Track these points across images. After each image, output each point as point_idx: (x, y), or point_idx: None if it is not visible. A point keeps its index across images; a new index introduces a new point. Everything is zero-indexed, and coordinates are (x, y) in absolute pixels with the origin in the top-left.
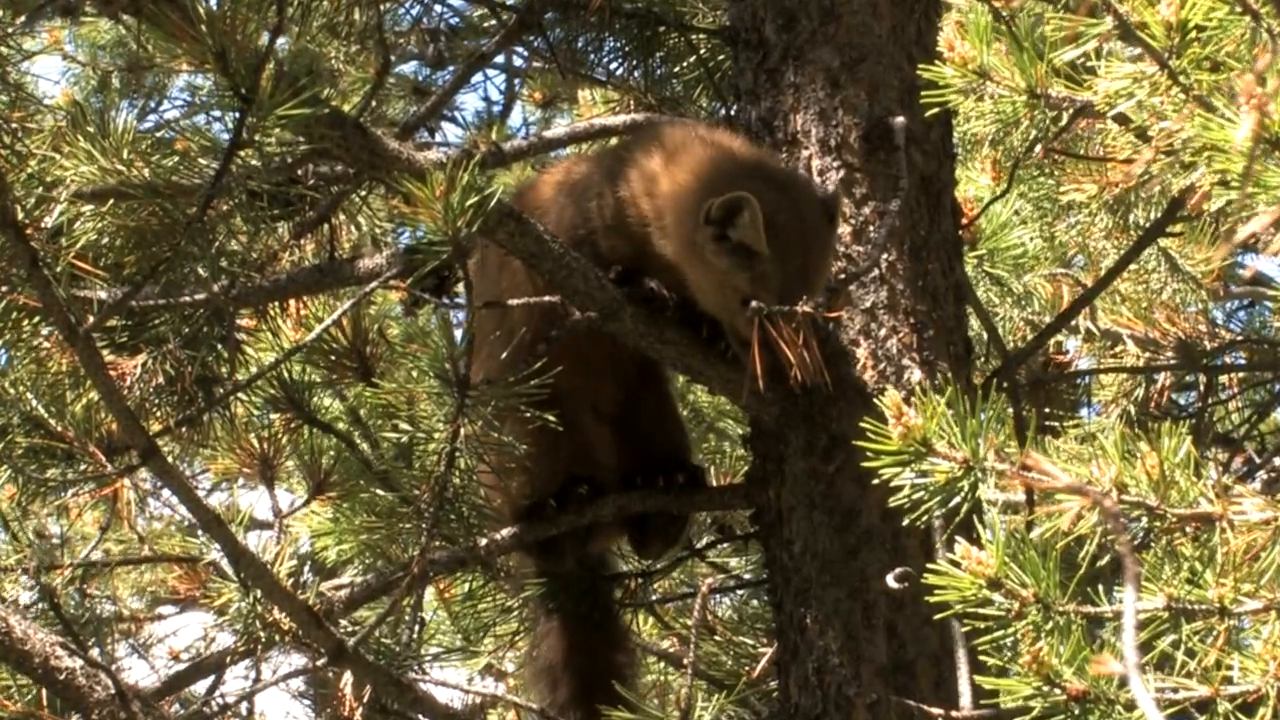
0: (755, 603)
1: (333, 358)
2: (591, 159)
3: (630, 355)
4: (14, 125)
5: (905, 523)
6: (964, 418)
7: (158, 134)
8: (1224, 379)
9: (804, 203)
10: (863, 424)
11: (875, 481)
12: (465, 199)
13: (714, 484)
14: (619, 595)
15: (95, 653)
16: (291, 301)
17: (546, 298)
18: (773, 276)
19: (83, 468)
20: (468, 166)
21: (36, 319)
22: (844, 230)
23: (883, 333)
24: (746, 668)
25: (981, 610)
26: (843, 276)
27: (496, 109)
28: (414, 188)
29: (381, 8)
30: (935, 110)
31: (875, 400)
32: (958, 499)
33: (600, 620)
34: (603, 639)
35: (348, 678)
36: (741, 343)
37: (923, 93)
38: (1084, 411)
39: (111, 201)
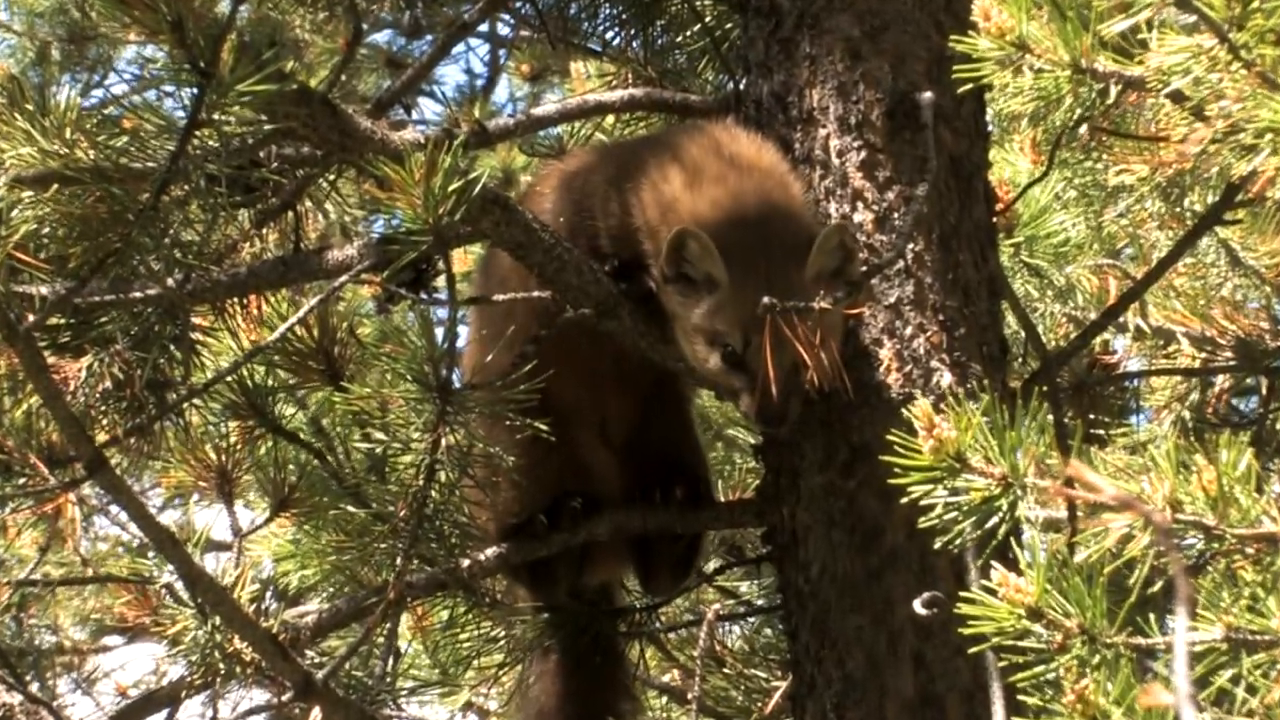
0: (768, 631)
1: (298, 360)
2: (597, 154)
3: (642, 366)
4: None
5: (935, 544)
6: (1001, 428)
7: (104, 112)
8: None
9: (774, 232)
10: (887, 435)
11: (905, 500)
12: (446, 183)
13: (722, 499)
14: (621, 629)
15: (35, 687)
16: (252, 297)
17: (535, 293)
18: (730, 309)
19: (21, 481)
20: (449, 147)
21: None
22: (866, 218)
23: (909, 331)
24: (758, 703)
25: (1020, 642)
26: (864, 269)
27: (480, 83)
28: (389, 171)
29: None
30: (968, 85)
31: (901, 408)
32: (994, 519)
33: (601, 662)
34: (603, 683)
35: (316, 715)
36: (733, 397)
37: (954, 66)
38: (1133, 419)
39: (54, 187)
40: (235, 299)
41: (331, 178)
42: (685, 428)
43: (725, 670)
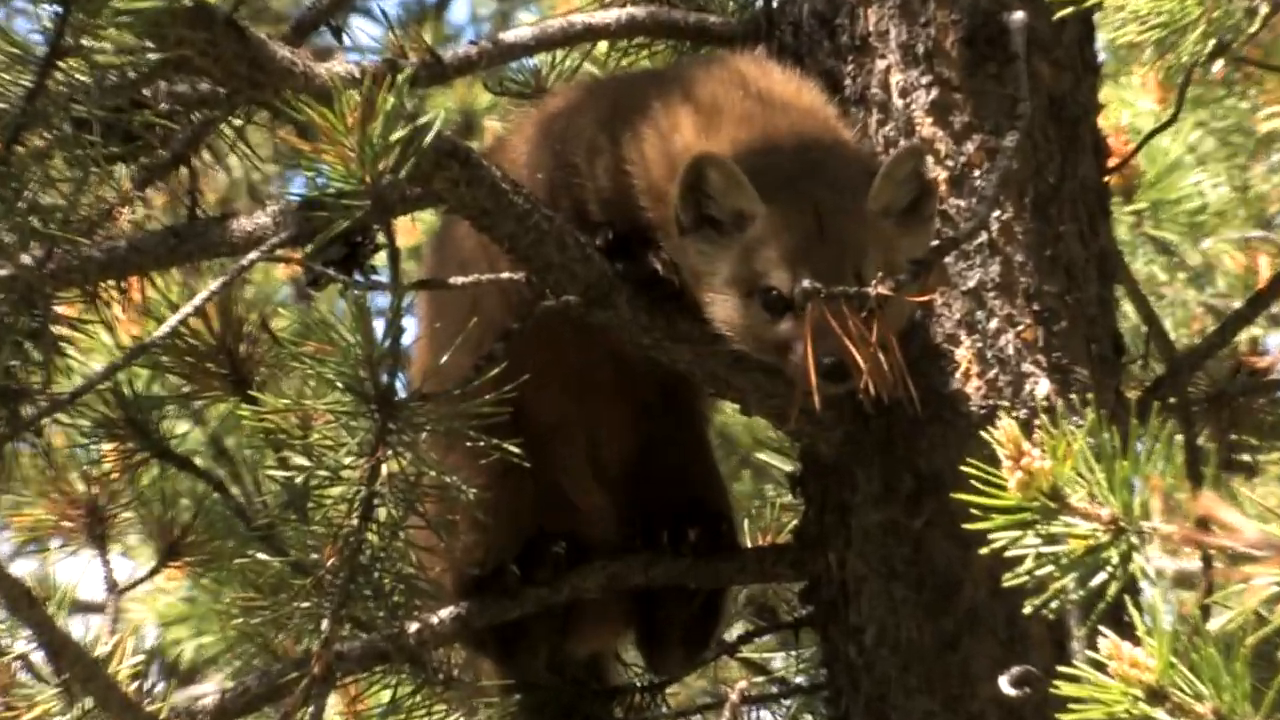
0: (809, 717)
1: (193, 361)
2: (585, 92)
3: (643, 370)
4: None
5: (1027, 605)
6: (1112, 454)
7: None
8: None
9: (822, 161)
10: (964, 462)
11: (985, 550)
12: (388, 131)
13: (749, 544)
14: (617, 715)
15: None
16: (134, 279)
17: (506, 275)
18: (773, 242)
19: None
20: (392, 84)
21: None
22: (939, 175)
23: (993, 325)
24: None
25: None
26: (936, 243)
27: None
28: (313, 115)
29: None
30: (1071, 7)
31: (982, 426)
32: (1103, 574)
33: None
34: None
35: None
36: (774, 354)
37: None
38: None
39: None
40: (111, 281)
41: (238, 123)
42: (699, 450)
43: None
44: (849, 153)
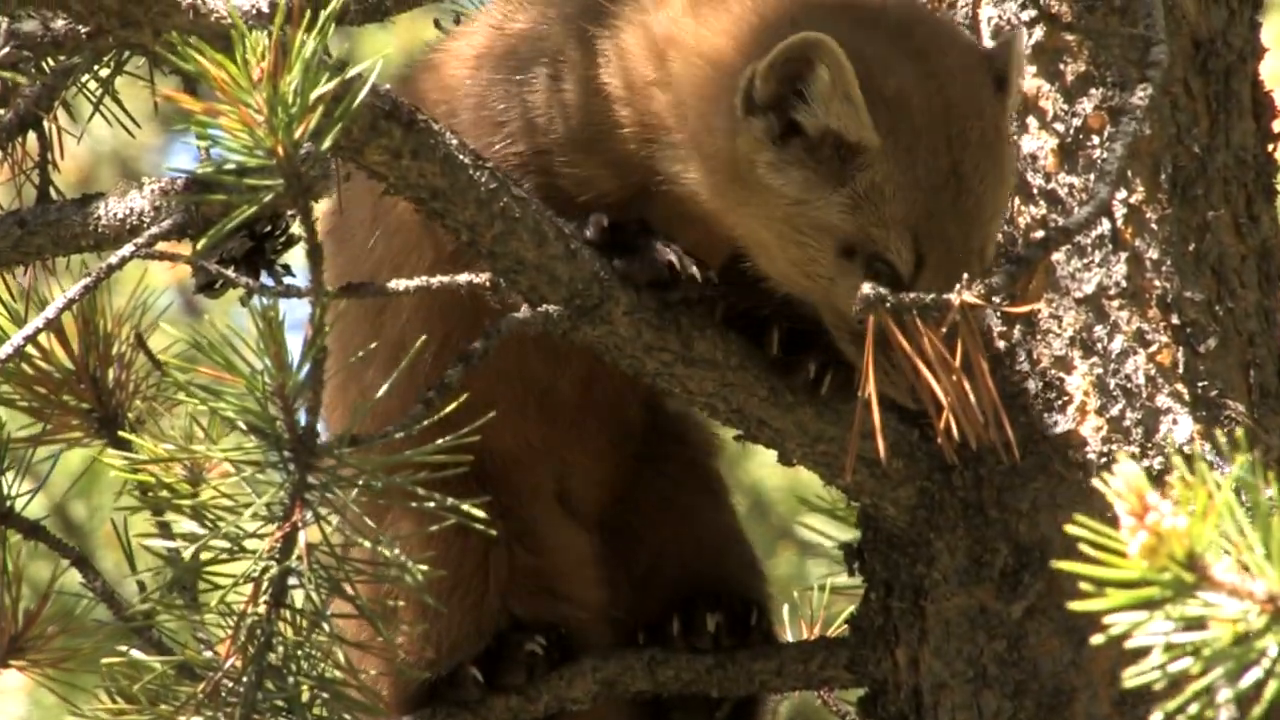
0: None
1: (44, 392)
2: (539, 2)
3: (631, 389)
4: None
5: (1158, 715)
6: (1268, 511)
7: None
8: None
9: (942, 56)
10: (1072, 523)
11: (1099, 637)
12: (309, 85)
13: (789, 637)
14: None
15: None
16: None
17: (465, 276)
18: (896, 198)
19: None
20: (312, 21)
21: None
22: (1044, 144)
23: (1117, 345)
24: None
25: None
26: (1041, 235)
27: None
28: (206, 64)
29: None
30: None
31: (1100, 478)
32: (1258, 670)
33: None
34: None
35: None
36: (854, 344)
37: None
38: None
39: None
40: None
41: (104, 74)
42: (716, 511)
43: None
44: (961, 38)
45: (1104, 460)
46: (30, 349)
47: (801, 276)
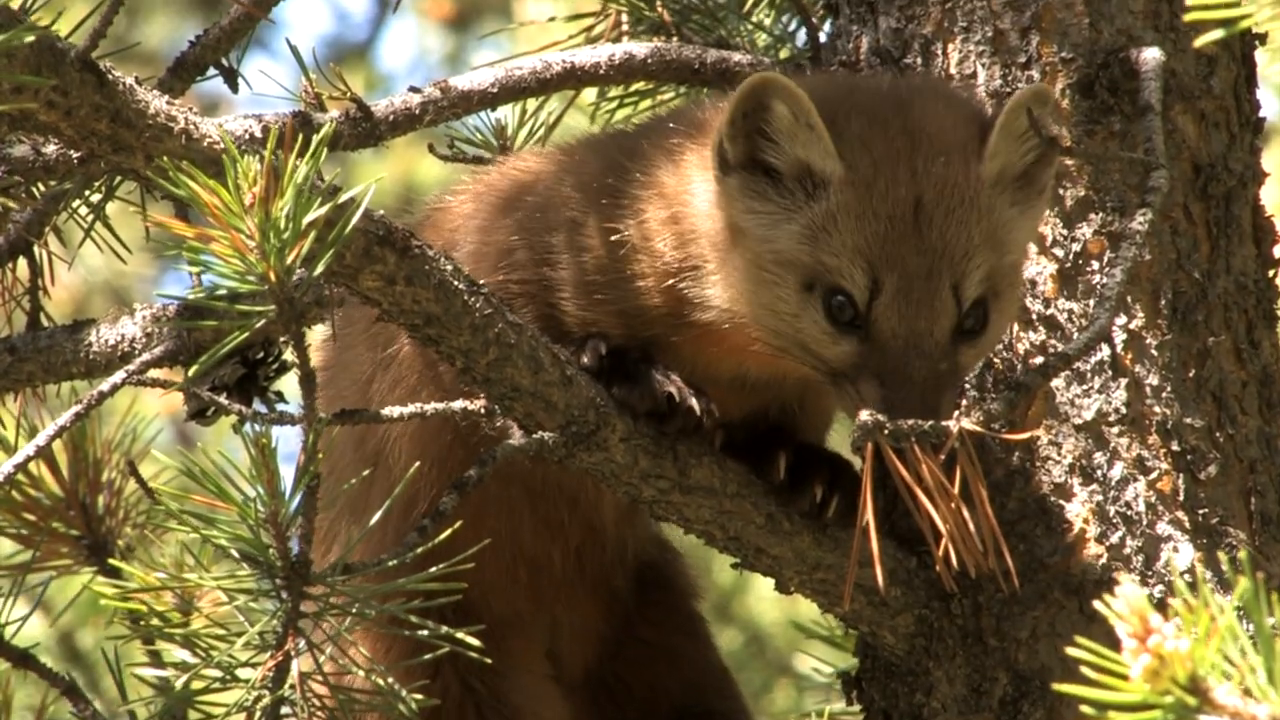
0: None
1: (34, 520)
2: (556, 156)
3: (620, 561)
4: None
5: None
6: (1270, 636)
7: None
8: None
9: (921, 104)
10: (1074, 645)
11: None
12: (301, 210)
13: None
14: None
15: None
16: None
17: (460, 403)
18: (851, 226)
19: None
20: (305, 146)
21: None
22: (1043, 269)
23: (1117, 472)
24: None
25: None
26: (1040, 361)
27: (360, 33)
28: (197, 188)
29: None
30: (1218, 33)
31: (1100, 602)
32: None
33: None
34: None
35: None
36: (833, 383)
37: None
38: None
39: None
40: None
41: (96, 199)
42: (699, 648)
43: None
44: (946, 90)
45: (1100, 583)
46: (20, 476)
47: (772, 318)
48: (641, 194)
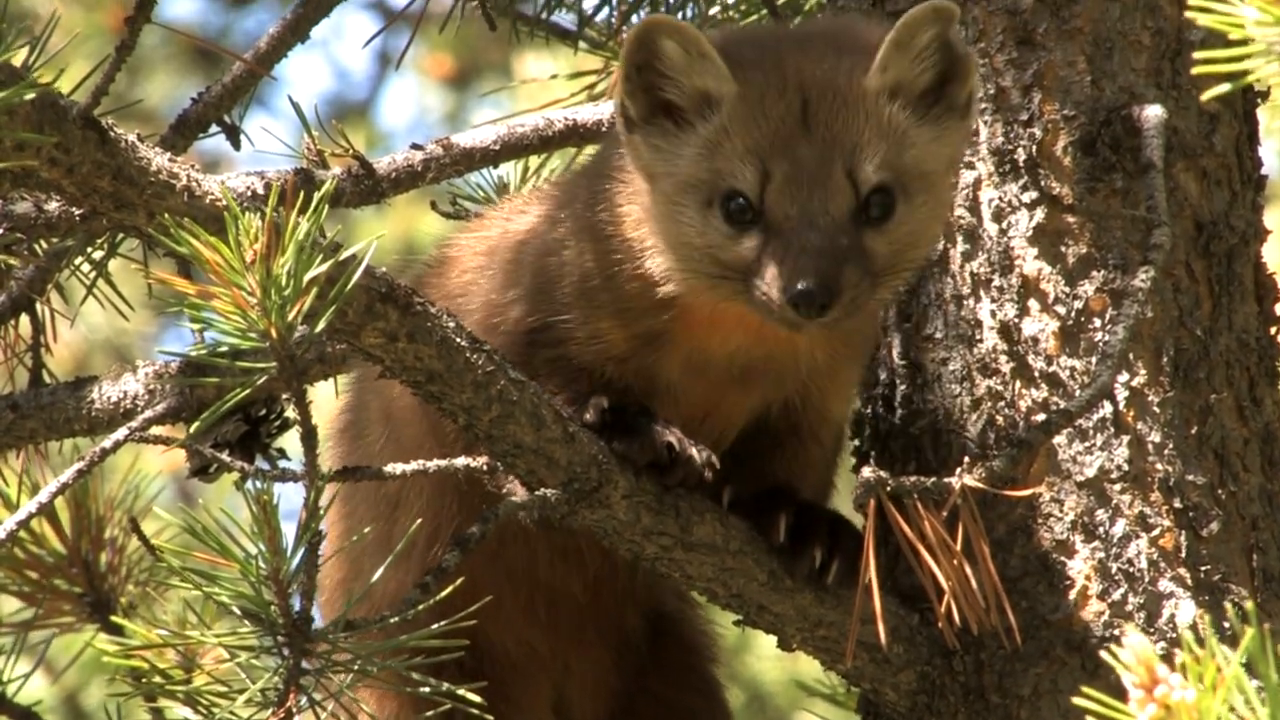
0: None
1: (37, 577)
2: (548, 192)
3: (633, 598)
4: None
5: None
6: (1277, 686)
7: None
8: None
9: (814, 29)
10: (1080, 698)
11: None
12: (302, 267)
13: None
14: None
15: None
16: None
17: (462, 460)
18: (741, 132)
19: None
20: (306, 203)
21: None
22: (1045, 327)
23: (1119, 529)
24: None
25: None
26: (1042, 418)
27: (360, 92)
28: (200, 246)
29: None
30: (1222, 90)
31: (1107, 653)
32: None
33: None
34: None
35: None
36: (783, 323)
37: (1196, 55)
38: None
39: None
40: None
41: (98, 256)
42: (713, 710)
43: None
44: (859, 27)
45: (1102, 641)
46: (23, 533)
47: (682, 245)
48: (611, 185)
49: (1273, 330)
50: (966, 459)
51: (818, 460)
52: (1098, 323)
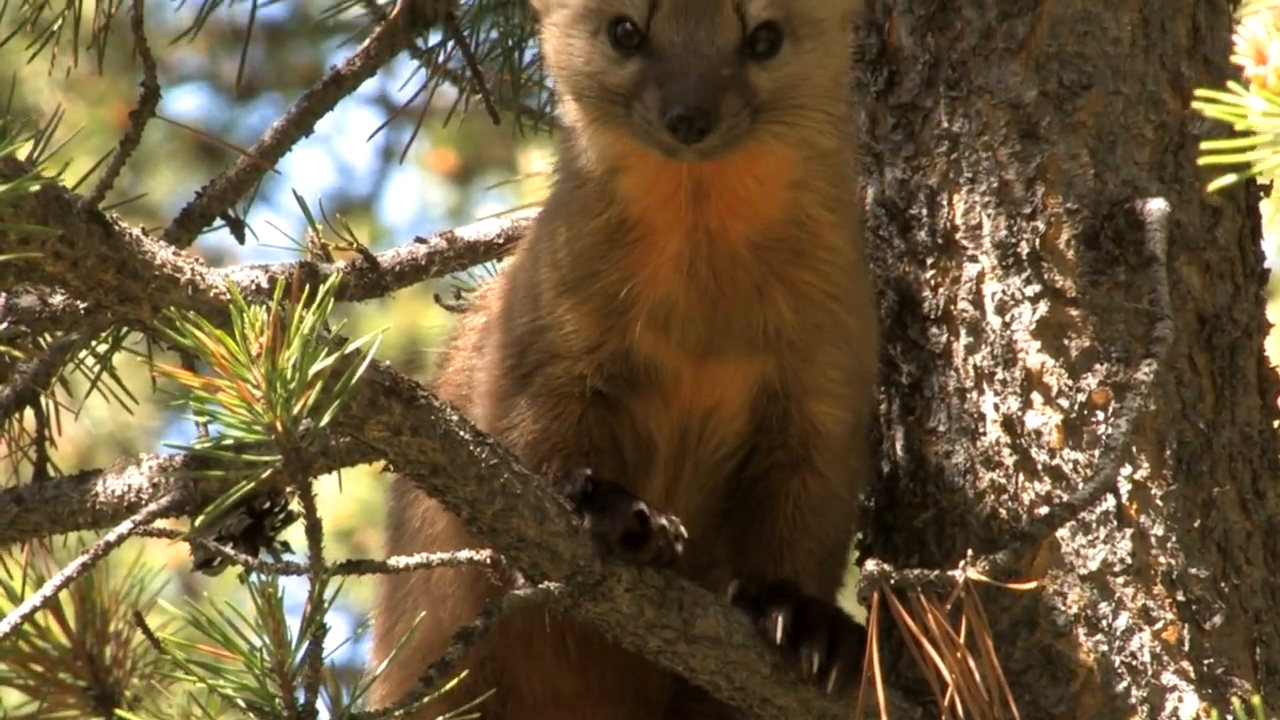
0: None
1: (41, 670)
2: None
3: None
4: None
5: None
6: None
7: None
8: None
9: None
10: None
11: None
12: (307, 361)
13: None
14: None
15: None
16: None
17: (466, 553)
18: None
19: None
20: (311, 296)
21: None
22: (1048, 420)
23: (1122, 622)
24: None
25: None
26: (1045, 511)
27: (363, 187)
28: (203, 339)
29: None
30: (1227, 181)
31: None
32: None
33: None
34: None
35: None
36: (660, 147)
37: (1203, 145)
38: None
39: None
40: None
41: (102, 349)
42: None
43: None
44: None
45: None
46: (27, 626)
47: (572, 73)
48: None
49: (1276, 424)
50: (970, 552)
51: (820, 506)
52: (1101, 416)
